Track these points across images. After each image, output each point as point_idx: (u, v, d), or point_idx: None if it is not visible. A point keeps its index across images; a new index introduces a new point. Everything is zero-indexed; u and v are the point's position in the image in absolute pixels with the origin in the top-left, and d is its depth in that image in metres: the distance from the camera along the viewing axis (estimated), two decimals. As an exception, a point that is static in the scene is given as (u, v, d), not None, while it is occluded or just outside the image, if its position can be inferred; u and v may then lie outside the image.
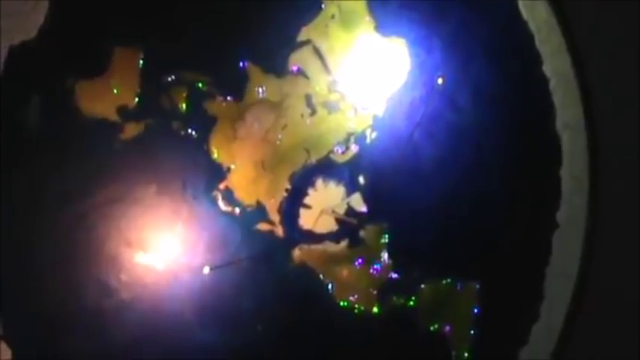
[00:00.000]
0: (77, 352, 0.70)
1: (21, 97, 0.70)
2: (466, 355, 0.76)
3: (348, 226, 0.73)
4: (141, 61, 0.71)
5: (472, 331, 0.77)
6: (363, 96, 0.73)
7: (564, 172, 0.76)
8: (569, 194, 0.76)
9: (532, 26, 0.76)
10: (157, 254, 0.70)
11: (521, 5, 0.75)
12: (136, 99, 0.71)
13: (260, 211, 0.73)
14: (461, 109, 0.74)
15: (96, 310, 0.70)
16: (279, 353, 0.73)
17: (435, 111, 0.74)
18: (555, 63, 0.76)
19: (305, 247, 0.74)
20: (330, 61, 0.73)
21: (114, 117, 0.71)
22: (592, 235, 0.77)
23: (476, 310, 0.77)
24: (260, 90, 0.72)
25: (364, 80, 0.73)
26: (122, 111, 0.71)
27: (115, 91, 0.70)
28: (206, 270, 0.70)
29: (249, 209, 0.73)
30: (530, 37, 0.76)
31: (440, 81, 0.72)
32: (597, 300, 0.77)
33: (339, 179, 0.74)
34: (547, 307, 0.77)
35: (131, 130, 0.71)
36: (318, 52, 0.73)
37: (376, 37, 0.74)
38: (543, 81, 0.76)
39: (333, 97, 0.73)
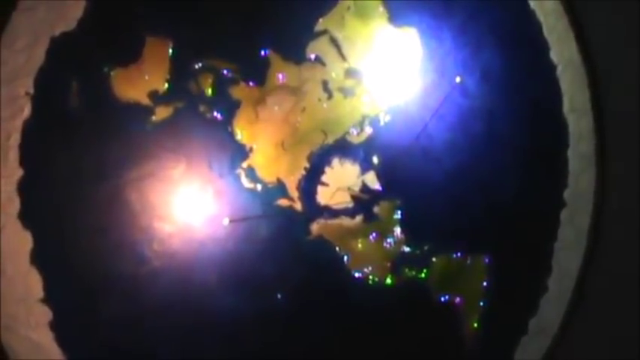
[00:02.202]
0: (113, 315, 0.82)
1: (62, 83, 0.81)
2: (476, 325, 0.88)
3: (362, 201, 0.85)
4: (170, 50, 0.83)
5: (482, 303, 0.87)
6: (376, 82, 0.85)
7: (571, 153, 0.86)
8: (576, 174, 0.86)
9: (539, 15, 0.86)
10: (185, 226, 0.83)
11: (528, -9, 0.85)
12: (166, 84, 0.83)
13: (280, 188, 0.85)
14: (471, 94, 0.85)
15: (130, 276, 0.83)
16: (297, 320, 0.85)
17: (446, 96, 0.85)
18: (562, 50, 0.86)
19: (322, 221, 0.86)
20: (346, 49, 0.85)
21: (146, 101, 0.83)
22: (598, 212, 0.87)
23: (486, 283, 0.87)
24: (280, 76, 0.84)
25: (378, 67, 0.85)
26: (153, 95, 0.84)
27: (146, 77, 0.82)
28: (225, 221, 0.82)
29: (270, 186, 0.85)
30: (538, 26, 0.87)
31: (458, 79, 0.83)
32: (603, 273, 0.87)
33: (354, 159, 0.86)
34: (555, 280, 0.88)
35: (161, 112, 0.83)
36: (334, 41, 0.85)
37: (389, 27, 0.85)
38: (551, 67, 0.86)
39: (349, 82, 0.85)
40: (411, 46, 0.86)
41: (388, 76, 0.85)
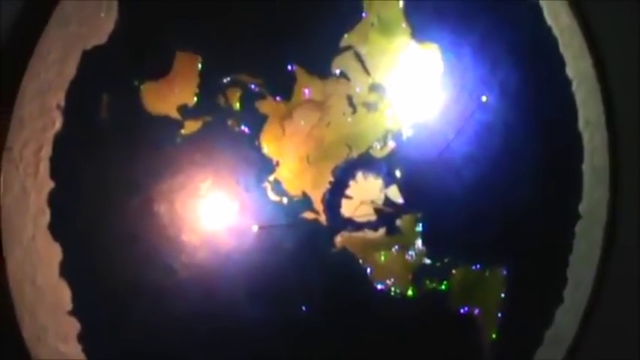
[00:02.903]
0: (140, 327, 0.86)
1: (93, 96, 0.85)
2: (494, 336, 0.92)
3: (385, 215, 0.89)
4: (200, 65, 0.86)
5: (500, 314, 0.92)
6: (399, 97, 0.89)
7: (586, 167, 0.91)
8: (590, 187, 0.91)
9: (555, 31, 0.92)
10: (212, 238, 0.86)
11: (545, 12, 0.91)
12: (195, 98, 0.86)
13: (306, 201, 0.89)
14: (490, 109, 0.90)
15: (158, 287, 0.86)
16: (320, 331, 0.89)
17: (465, 111, 0.90)
18: (577, 65, 0.91)
19: (346, 234, 0.90)
20: (370, 64, 0.89)
21: (175, 115, 0.87)
22: (611, 225, 0.92)
23: (503, 294, 0.92)
24: (306, 91, 0.88)
25: (400, 82, 0.89)
26: (182, 109, 0.87)
27: (176, 91, 0.86)
28: (255, 228, 0.85)
29: (295, 199, 0.89)
30: (554, 41, 0.92)
31: (484, 99, 0.88)
32: (618, 284, 0.92)
33: (378, 172, 0.90)
34: (570, 292, 0.93)
35: (190, 126, 0.87)
36: (358, 57, 0.89)
37: (412, 42, 0.90)
38: (567, 82, 0.91)
39: (372, 97, 0.89)
40: (432, 62, 0.90)
41: (410, 90, 0.90)
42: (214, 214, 0.87)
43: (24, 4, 0.84)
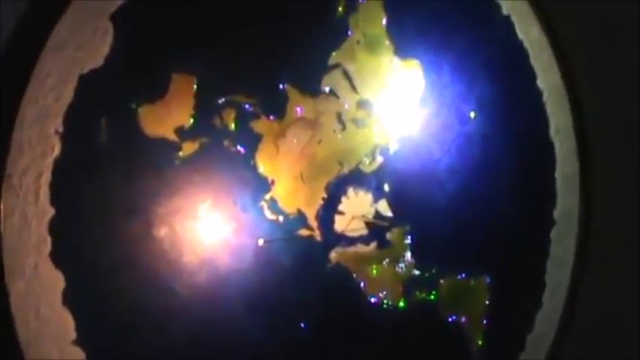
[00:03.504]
0: (145, 351, 1.05)
1: (91, 120, 1.03)
2: (480, 342, 1.15)
3: (377, 229, 1.13)
4: (195, 86, 1.07)
5: (485, 321, 1.16)
6: (385, 112, 1.13)
7: (558, 174, 1.17)
8: (563, 194, 1.17)
9: (526, 44, 1.13)
10: (212, 259, 1.07)
11: (517, 27, 1.15)
12: (191, 120, 1.06)
13: (301, 218, 1.09)
14: (468, 121, 1.15)
15: (161, 310, 1.03)
16: (319, 346, 1.10)
17: (446, 124, 1.15)
18: (547, 77, 1.15)
19: (340, 249, 1.11)
20: (357, 81, 1.12)
21: (172, 137, 1.05)
22: (584, 229, 1.19)
23: (488, 302, 1.15)
24: (298, 109, 1.09)
25: (386, 98, 1.13)
26: (179, 131, 1.05)
27: (172, 113, 1.06)
28: (260, 242, 1.07)
29: (291, 217, 1.10)
30: (525, 55, 1.15)
31: (472, 115, 1.12)
32: (593, 287, 1.19)
33: (368, 187, 1.12)
34: (548, 296, 1.15)
35: (188, 148, 1.06)
36: (346, 74, 1.11)
37: (395, 59, 1.14)
38: (538, 93, 1.16)
39: (360, 114, 1.12)
40: (414, 78, 1.14)
41: (395, 106, 1.14)
42: (213, 235, 1.08)
43: (18, 26, 1.01)
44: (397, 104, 1.10)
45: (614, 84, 1.14)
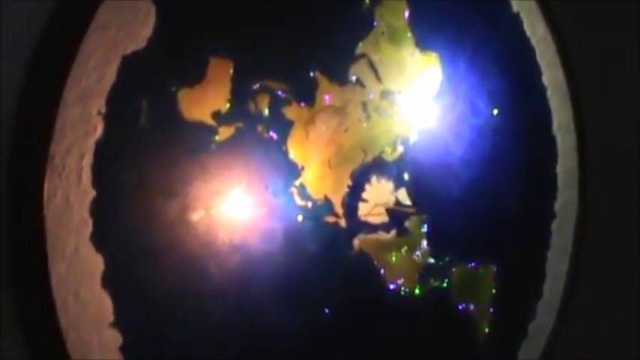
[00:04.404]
0: (181, 334, 1.11)
1: (132, 102, 1.09)
2: (487, 330, 1.25)
3: (397, 216, 1.23)
4: (231, 71, 1.14)
5: (491, 309, 1.27)
6: (406, 103, 1.23)
7: (559, 168, 1.29)
8: (563, 187, 1.29)
9: (533, 41, 1.24)
10: (244, 243, 1.14)
11: (525, 24, 1.27)
12: (228, 105, 1.14)
13: (328, 205, 1.18)
14: (481, 114, 1.26)
15: (196, 293, 1.09)
16: (341, 331, 1.18)
17: (461, 117, 1.25)
18: (551, 73, 1.26)
19: (363, 236, 1.20)
20: (381, 72, 1.22)
21: (210, 121, 1.11)
22: (581, 221, 1.31)
23: (494, 290, 1.26)
24: (327, 97, 1.18)
25: (407, 89, 1.23)
26: (216, 115, 1.12)
27: (209, 97, 1.13)
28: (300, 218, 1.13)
29: (319, 203, 1.18)
30: (532, 51, 1.26)
31: (484, 108, 1.22)
32: (590, 277, 1.31)
33: (389, 176, 1.22)
34: (549, 286, 1.26)
35: (224, 132, 1.12)
36: (371, 64, 1.20)
37: (416, 52, 1.23)
38: (543, 89, 1.28)
39: (384, 104, 1.21)
40: (433, 71, 1.25)
41: (415, 97, 1.23)
42: (246, 219, 1.15)
43: (61, 8, 1.06)
44: (417, 96, 1.16)
45: (614, 81, 1.24)
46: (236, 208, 1.06)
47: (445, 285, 1.22)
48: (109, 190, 1.04)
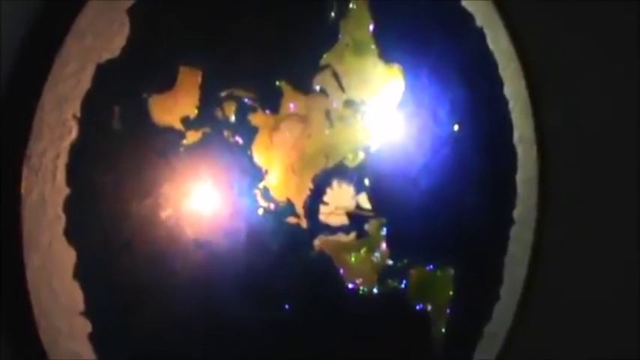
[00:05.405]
0: (147, 325, 1.21)
1: (106, 107, 1.20)
2: (443, 330, 1.34)
3: (357, 220, 1.37)
4: (200, 79, 1.27)
5: (448, 310, 1.37)
6: (368, 112, 1.36)
7: (519, 178, 1.39)
8: (522, 195, 1.41)
9: (496, 55, 1.32)
10: (208, 241, 1.27)
11: (488, 38, 1.37)
12: (196, 111, 1.26)
13: (289, 207, 1.28)
14: (442, 124, 1.39)
15: (163, 287, 1.18)
16: (300, 327, 1.28)
17: (422, 125, 1.39)
18: (513, 86, 1.36)
19: (323, 237, 1.30)
20: (345, 82, 1.34)
21: (179, 126, 1.23)
22: (539, 229, 1.43)
23: (452, 292, 1.35)
24: (291, 105, 1.29)
25: (370, 99, 1.36)
26: (185, 121, 1.23)
27: (179, 103, 1.28)
28: (260, 211, 1.25)
29: (281, 205, 1.30)
30: (495, 64, 1.36)
31: (456, 127, 1.35)
32: (546, 283, 1.43)
33: (350, 181, 1.34)
34: (506, 289, 1.37)
35: (192, 137, 1.24)
36: (335, 75, 1.33)
37: (379, 63, 1.37)
38: (504, 101, 1.39)
39: (347, 112, 1.33)
40: (396, 81, 1.38)
41: (377, 106, 1.36)
42: (211, 218, 1.30)
43: (41, 18, 1.21)
44: (380, 105, 1.28)
45: (574, 95, 1.35)
46: (202, 208, 1.19)
47: (403, 286, 1.31)
48: (82, 188, 1.17)
